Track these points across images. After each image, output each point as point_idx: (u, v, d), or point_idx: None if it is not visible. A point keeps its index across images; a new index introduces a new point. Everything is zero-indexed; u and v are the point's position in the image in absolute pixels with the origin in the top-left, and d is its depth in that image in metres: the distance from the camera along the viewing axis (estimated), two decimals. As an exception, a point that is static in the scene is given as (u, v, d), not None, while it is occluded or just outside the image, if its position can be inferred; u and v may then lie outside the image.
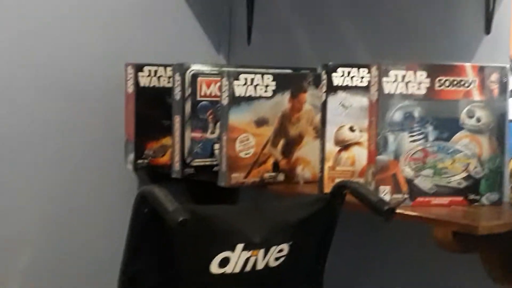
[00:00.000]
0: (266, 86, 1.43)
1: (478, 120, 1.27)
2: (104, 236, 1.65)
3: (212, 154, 1.52)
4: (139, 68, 1.57)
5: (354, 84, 1.36)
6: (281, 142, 1.46)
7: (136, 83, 1.57)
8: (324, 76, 1.36)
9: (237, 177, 1.41)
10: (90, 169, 1.65)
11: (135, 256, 1.03)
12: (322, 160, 1.37)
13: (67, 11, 1.61)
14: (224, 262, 1.06)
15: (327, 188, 1.30)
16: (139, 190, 1.02)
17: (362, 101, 1.34)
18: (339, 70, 1.35)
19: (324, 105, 1.36)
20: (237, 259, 1.06)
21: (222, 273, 1.06)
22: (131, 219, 1.02)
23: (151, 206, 0.99)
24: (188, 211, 0.96)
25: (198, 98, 1.50)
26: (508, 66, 1.24)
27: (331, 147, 1.36)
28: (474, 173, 1.27)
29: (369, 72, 1.28)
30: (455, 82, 1.26)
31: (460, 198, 1.27)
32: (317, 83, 1.44)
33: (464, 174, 1.27)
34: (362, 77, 1.36)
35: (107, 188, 1.67)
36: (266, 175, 1.44)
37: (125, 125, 1.60)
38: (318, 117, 1.41)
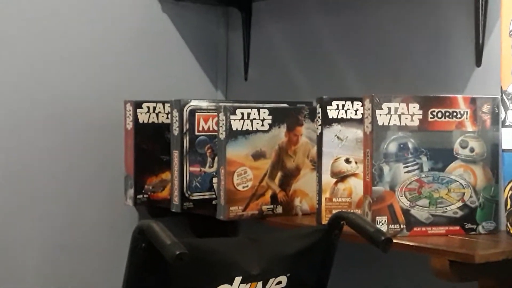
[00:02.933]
0: (263, 120, 1.45)
1: (472, 150, 1.29)
2: (104, 271, 1.65)
3: (210, 188, 1.53)
4: (138, 105, 1.60)
5: (348, 117, 1.38)
6: (279, 175, 1.48)
7: (135, 119, 1.60)
8: (319, 110, 1.38)
9: (235, 210, 1.43)
10: (90, 204, 1.67)
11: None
12: (319, 192, 1.38)
13: (67, 50, 1.65)
14: (223, 296, 1.06)
15: (325, 220, 1.32)
16: (137, 225, 1.03)
17: (357, 133, 1.36)
18: (333, 103, 1.38)
19: (319, 137, 1.39)
20: (235, 292, 1.06)
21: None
22: (129, 254, 1.03)
23: (149, 240, 1.00)
24: (185, 245, 0.97)
25: (196, 133, 1.53)
26: (499, 97, 1.26)
27: (327, 179, 1.38)
28: (469, 202, 1.29)
29: (362, 105, 1.31)
30: (447, 114, 1.28)
31: (456, 228, 1.28)
32: (312, 116, 1.46)
33: (459, 204, 1.29)
34: (356, 110, 1.38)
35: (107, 224, 1.68)
36: (265, 207, 1.46)
37: (124, 160, 1.63)
38: (314, 150, 1.43)
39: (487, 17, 1.41)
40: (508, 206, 1.24)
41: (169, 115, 1.55)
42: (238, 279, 1.07)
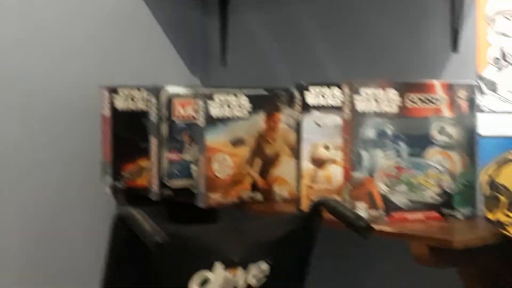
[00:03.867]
0: (241, 106, 1.45)
1: (449, 136, 1.30)
2: (82, 258, 1.64)
3: (189, 175, 1.52)
4: (113, 90, 1.58)
5: (327, 103, 1.38)
6: (258, 162, 1.47)
7: (112, 105, 1.57)
8: (298, 95, 1.38)
9: (215, 197, 1.42)
10: (66, 191, 1.65)
11: (115, 278, 1.03)
12: (299, 179, 1.38)
13: (39, 33, 1.61)
14: (204, 282, 1.06)
15: (305, 206, 1.32)
16: (116, 212, 1.02)
17: (335, 119, 1.36)
18: (312, 89, 1.38)
19: (298, 124, 1.38)
20: (216, 278, 1.06)
21: (203, 294, 1.06)
22: (109, 242, 1.02)
23: (129, 228, 0.99)
24: (166, 232, 0.97)
25: (174, 120, 1.51)
26: (475, 83, 1.27)
27: (307, 166, 1.38)
28: (447, 188, 1.30)
29: (341, 90, 1.31)
30: (425, 99, 1.29)
31: (435, 213, 1.30)
32: (291, 102, 1.46)
33: (437, 189, 1.30)
34: (335, 96, 1.38)
35: (83, 210, 1.66)
36: (244, 194, 1.45)
37: (101, 147, 1.60)
38: (293, 136, 1.43)
39: (463, 2, 1.42)
40: (485, 192, 1.25)
41: (146, 101, 1.53)
42: (218, 265, 1.07)
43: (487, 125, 1.26)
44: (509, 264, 1.22)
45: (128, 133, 1.58)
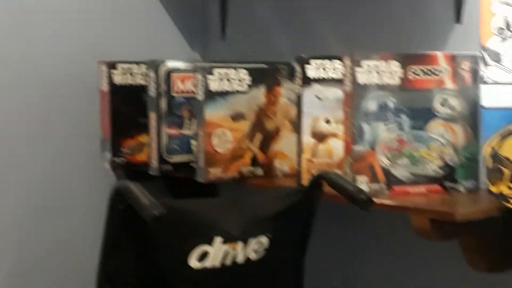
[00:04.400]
0: (241, 80, 1.43)
1: (452, 108, 1.28)
2: (82, 234, 1.64)
3: (189, 150, 1.51)
4: (112, 65, 1.56)
5: (328, 76, 1.36)
6: (258, 136, 1.46)
7: (110, 80, 1.56)
8: (298, 69, 1.36)
9: (215, 172, 1.41)
10: (66, 167, 1.64)
11: (113, 253, 1.03)
12: (299, 153, 1.37)
13: (39, 10, 1.59)
14: (204, 256, 1.06)
15: (305, 180, 1.31)
16: (114, 186, 1.01)
17: (337, 92, 1.34)
18: (312, 62, 1.35)
19: (299, 97, 1.36)
20: (216, 252, 1.05)
21: (202, 267, 1.06)
22: (107, 216, 1.02)
23: (127, 202, 0.98)
24: (164, 206, 0.96)
25: (173, 95, 1.49)
26: (479, 54, 1.25)
27: (308, 140, 1.37)
28: (449, 161, 1.29)
29: (342, 63, 1.29)
30: (427, 71, 1.27)
31: (437, 186, 1.28)
32: (291, 76, 1.44)
33: (440, 162, 1.28)
34: (336, 69, 1.36)
35: (83, 186, 1.66)
36: (245, 169, 1.44)
37: (100, 123, 1.59)
38: (294, 110, 1.41)
39: (467, -28, 1.39)
40: (488, 164, 1.24)
41: (145, 76, 1.51)
42: (218, 239, 1.06)
43: (491, 97, 1.24)
44: (510, 236, 1.21)
45: (127, 109, 1.56)
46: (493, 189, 1.23)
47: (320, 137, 1.37)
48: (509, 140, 1.23)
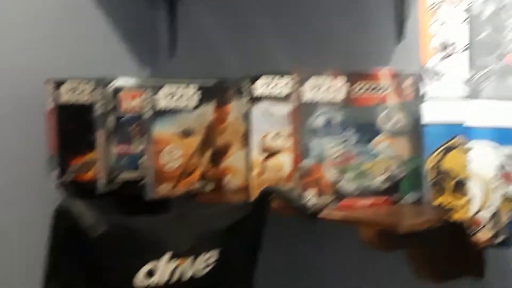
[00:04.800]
0: (191, 97, 1.43)
1: (395, 123, 1.32)
2: (26, 254, 1.60)
3: (138, 168, 1.50)
4: (59, 83, 1.54)
5: (276, 92, 1.38)
6: (208, 152, 1.46)
7: (57, 98, 1.54)
8: (247, 86, 1.38)
9: (164, 189, 1.41)
10: (12, 187, 1.60)
11: (56, 274, 1.00)
12: (249, 169, 1.38)
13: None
14: (152, 273, 1.05)
15: (255, 196, 1.32)
16: (57, 205, 0.99)
17: (285, 108, 1.37)
18: (261, 79, 1.38)
19: (248, 114, 1.38)
20: (164, 269, 1.05)
21: (151, 285, 1.05)
22: (51, 235, 1.00)
23: (70, 221, 0.97)
24: (108, 224, 0.95)
25: (122, 112, 1.49)
26: (420, 71, 1.30)
27: (257, 155, 1.38)
28: (395, 174, 1.32)
29: (290, 80, 1.31)
30: (371, 88, 1.31)
31: (383, 199, 1.31)
32: (241, 93, 1.45)
33: (385, 176, 1.32)
34: (284, 85, 1.38)
35: (30, 206, 1.62)
36: (194, 185, 1.44)
37: (48, 141, 1.57)
38: (243, 127, 1.43)
39: (408, -8, 1.44)
40: (432, 177, 1.28)
41: (93, 94, 1.50)
42: (167, 255, 1.06)
43: (432, 112, 1.29)
44: (453, 246, 1.25)
45: (75, 127, 1.55)
46: (437, 201, 1.27)
47: (269, 152, 1.39)
48: (450, 154, 1.28)
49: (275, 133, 1.39)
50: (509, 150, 1.18)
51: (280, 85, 1.38)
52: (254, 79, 1.37)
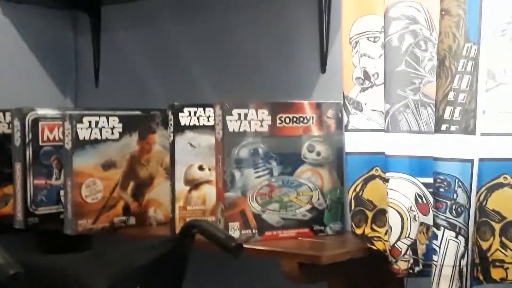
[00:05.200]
0: (112, 128, 1.40)
1: (318, 154, 1.34)
2: None
3: (58, 201, 1.45)
4: (-26, 114, 1.48)
5: (201, 123, 1.38)
6: (131, 185, 1.43)
7: (-28, 129, 1.48)
8: (171, 116, 1.36)
9: (84, 223, 1.36)
10: None
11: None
12: (173, 201, 1.36)
13: None
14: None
15: (179, 229, 1.30)
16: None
17: (209, 139, 1.36)
18: (185, 110, 1.37)
19: (172, 145, 1.37)
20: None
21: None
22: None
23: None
24: (21, 263, 0.90)
25: (41, 144, 1.44)
26: (342, 102, 1.32)
27: (181, 187, 1.36)
28: (317, 204, 1.33)
29: (214, 111, 1.31)
30: (295, 119, 1.32)
31: (306, 230, 1.32)
32: (165, 123, 1.44)
33: (308, 206, 1.33)
34: (209, 116, 1.38)
35: None
36: (116, 219, 1.41)
37: (-39, 174, 1.50)
38: (168, 158, 1.41)
39: (330, 25, 1.47)
40: (352, 207, 1.30)
41: (10, 125, 1.45)
42: (83, 296, 1.02)
43: (353, 143, 1.31)
44: (375, 275, 1.27)
45: (-9, 158, 1.48)
46: (358, 231, 1.29)
47: (193, 184, 1.37)
48: (371, 183, 1.30)
49: (199, 164, 1.37)
50: (425, 181, 1.22)
51: (204, 116, 1.38)
52: (178, 110, 1.36)
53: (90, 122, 1.37)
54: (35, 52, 1.73)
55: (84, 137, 1.36)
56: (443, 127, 1.15)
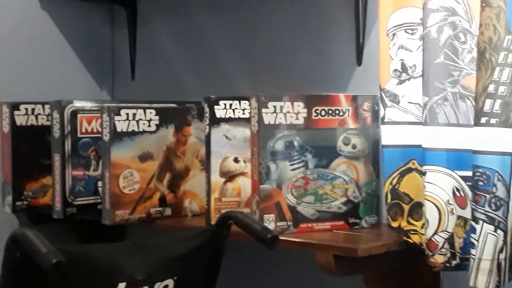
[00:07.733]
0: (149, 120, 1.42)
1: (354, 146, 1.33)
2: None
3: (95, 192, 1.48)
4: (15, 106, 1.52)
5: (236, 116, 1.38)
6: (167, 176, 1.45)
7: (12, 122, 1.51)
8: (207, 109, 1.37)
9: (122, 214, 1.38)
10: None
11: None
12: (208, 192, 1.37)
13: None
14: (106, 303, 1.02)
15: (214, 220, 1.31)
16: (10, 233, 0.97)
17: (244, 132, 1.37)
18: (221, 102, 1.38)
19: (208, 137, 1.37)
20: (119, 298, 1.02)
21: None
22: (3, 264, 0.97)
23: (23, 249, 0.94)
24: (62, 252, 0.92)
25: (79, 135, 1.46)
26: (378, 95, 1.31)
27: (216, 179, 1.37)
28: (352, 197, 1.33)
29: (249, 104, 1.31)
30: (330, 112, 1.31)
31: (341, 222, 1.32)
32: (201, 116, 1.45)
33: (343, 199, 1.32)
34: (244, 109, 1.38)
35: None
36: (153, 210, 1.42)
37: (1, 165, 1.53)
38: (203, 150, 1.42)
39: (366, 17, 1.46)
40: (389, 200, 1.29)
41: (49, 117, 1.48)
42: (122, 285, 1.03)
43: (390, 136, 1.30)
44: (410, 269, 1.26)
45: (30, 150, 1.52)
46: (394, 224, 1.28)
47: (228, 176, 1.38)
48: (407, 176, 1.29)
49: (235, 156, 1.38)
50: (463, 175, 1.20)
51: (240, 108, 1.38)
52: (214, 103, 1.37)
53: (127, 114, 1.39)
54: (73, 45, 1.76)
55: (122, 129, 1.38)
56: (483, 120, 1.13)
